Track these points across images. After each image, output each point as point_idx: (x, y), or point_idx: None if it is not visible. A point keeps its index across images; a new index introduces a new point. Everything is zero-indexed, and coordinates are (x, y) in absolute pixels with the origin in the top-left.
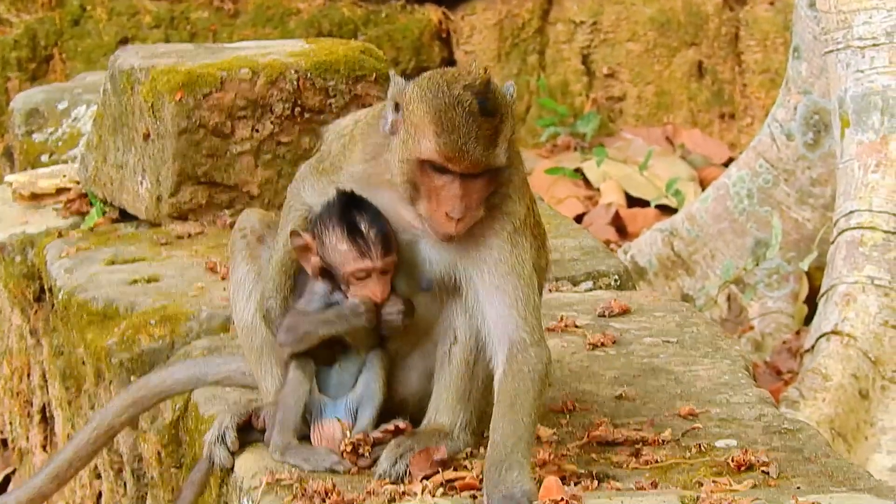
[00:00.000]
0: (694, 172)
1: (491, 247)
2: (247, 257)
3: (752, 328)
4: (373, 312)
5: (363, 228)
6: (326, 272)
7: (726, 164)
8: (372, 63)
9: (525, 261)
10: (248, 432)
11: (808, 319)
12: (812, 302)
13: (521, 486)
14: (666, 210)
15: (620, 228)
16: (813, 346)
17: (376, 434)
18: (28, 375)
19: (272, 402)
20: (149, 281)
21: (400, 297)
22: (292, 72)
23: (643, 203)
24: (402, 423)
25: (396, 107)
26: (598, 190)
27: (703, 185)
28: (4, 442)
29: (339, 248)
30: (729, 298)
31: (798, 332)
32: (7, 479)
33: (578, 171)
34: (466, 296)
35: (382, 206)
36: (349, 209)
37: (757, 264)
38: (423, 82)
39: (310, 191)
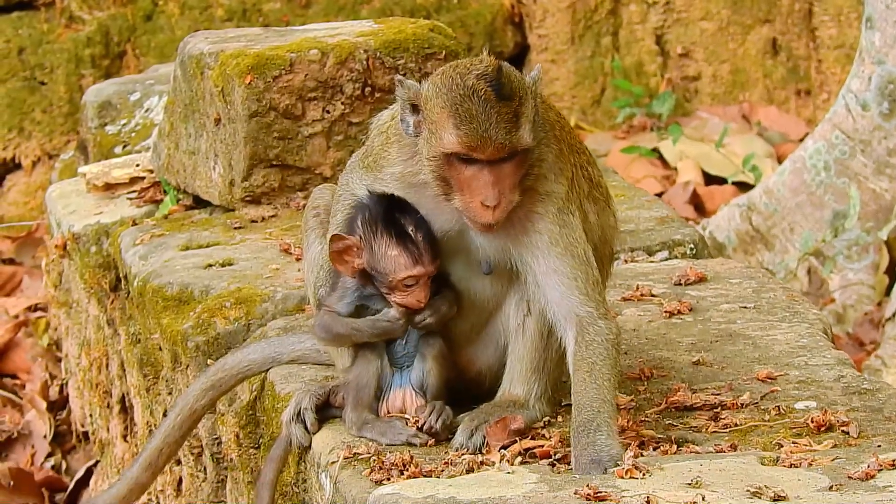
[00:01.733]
0: (771, 149)
1: (540, 231)
2: (320, 235)
3: (833, 301)
4: (408, 324)
5: (412, 234)
6: (363, 274)
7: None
8: (441, 41)
9: (577, 239)
10: (326, 409)
11: (890, 289)
12: (893, 272)
13: (608, 449)
14: (743, 186)
15: (699, 206)
16: (894, 315)
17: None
18: (106, 366)
19: (344, 380)
20: (223, 265)
21: (436, 301)
22: (361, 51)
23: (720, 181)
24: None
25: (414, 108)
26: (676, 169)
27: (780, 161)
28: (86, 434)
29: (389, 255)
30: (809, 271)
31: (880, 304)
32: (90, 471)
33: (655, 150)
34: (526, 279)
35: (425, 203)
36: (393, 213)
37: (836, 236)
38: (437, 79)
39: (357, 183)
